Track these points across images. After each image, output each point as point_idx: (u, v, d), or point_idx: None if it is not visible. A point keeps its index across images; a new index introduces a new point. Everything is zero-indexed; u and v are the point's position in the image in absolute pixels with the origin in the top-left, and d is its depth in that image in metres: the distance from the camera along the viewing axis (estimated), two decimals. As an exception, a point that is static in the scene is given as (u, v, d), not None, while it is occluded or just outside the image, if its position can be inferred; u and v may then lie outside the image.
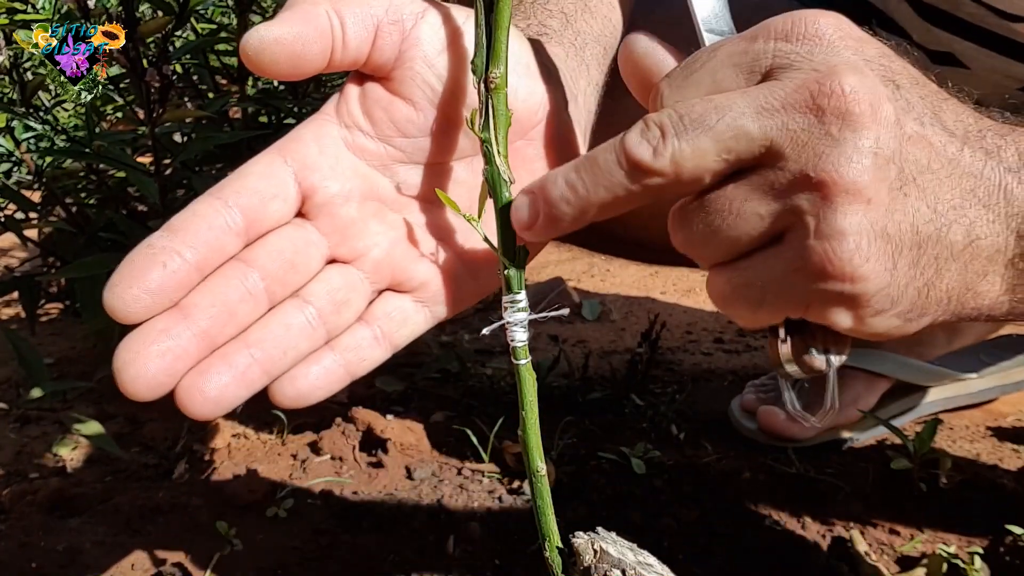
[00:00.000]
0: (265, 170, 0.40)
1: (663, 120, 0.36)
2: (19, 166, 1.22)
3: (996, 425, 1.05)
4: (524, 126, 0.44)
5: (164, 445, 0.98)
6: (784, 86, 0.34)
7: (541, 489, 0.40)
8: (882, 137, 0.34)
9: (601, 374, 1.17)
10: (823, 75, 0.34)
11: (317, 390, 0.41)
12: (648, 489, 0.89)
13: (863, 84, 0.34)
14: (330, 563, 0.78)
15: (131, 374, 0.36)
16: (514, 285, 0.40)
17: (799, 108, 0.34)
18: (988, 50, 0.68)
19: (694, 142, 0.35)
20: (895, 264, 0.35)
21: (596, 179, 0.36)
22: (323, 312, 0.41)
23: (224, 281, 0.39)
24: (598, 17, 0.58)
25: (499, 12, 0.38)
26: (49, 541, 0.81)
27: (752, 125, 0.34)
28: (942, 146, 0.36)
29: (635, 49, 0.42)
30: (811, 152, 0.33)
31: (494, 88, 0.39)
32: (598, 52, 0.55)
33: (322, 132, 0.42)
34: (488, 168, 0.39)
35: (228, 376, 0.38)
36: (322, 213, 0.41)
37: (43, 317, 1.35)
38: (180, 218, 0.39)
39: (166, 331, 0.37)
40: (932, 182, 0.35)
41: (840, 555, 0.79)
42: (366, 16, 0.39)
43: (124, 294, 0.36)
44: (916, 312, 0.37)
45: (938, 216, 0.35)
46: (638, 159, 0.35)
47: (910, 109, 0.35)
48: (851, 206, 0.33)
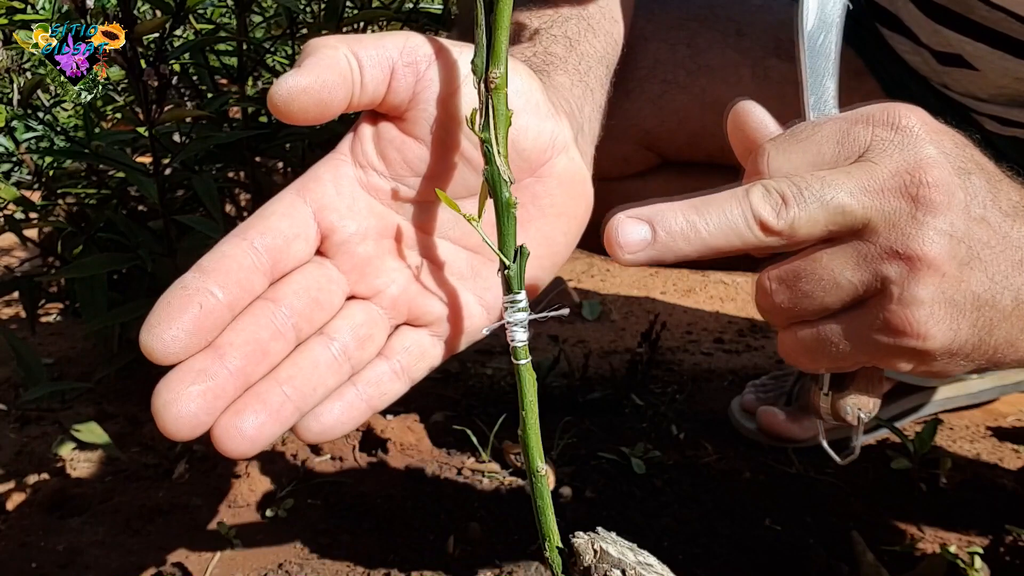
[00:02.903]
0: (287, 210, 0.41)
1: (784, 189, 0.42)
2: (19, 166, 1.22)
3: (996, 425, 1.05)
4: (533, 164, 0.45)
5: (164, 445, 0.98)
6: (881, 171, 0.41)
7: (541, 489, 0.40)
8: (955, 222, 0.41)
9: (601, 374, 1.17)
10: (912, 167, 0.41)
11: (341, 425, 0.42)
12: (648, 489, 0.89)
13: (942, 177, 0.41)
14: (330, 563, 0.78)
15: (173, 414, 0.37)
16: (514, 285, 0.40)
17: (894, 194, 0.41)
18: (1001, 52, 0.68)
19: (810, 213, 0.41)
20: (959, 326, 0.42)
21: (721, 226, 0.42)
22: (347, 348, 0.42)
23: (255, 320, 0.40)
24: (600, 35, 0.59)
25: (499, 12, 0.38)
26: (49, 541, 0.81)
27: (857, 205, 0.41)
28: (998, 225, 0.42)
29: (747, 118, 0.48)
30: (900, 231, 0.41)
31: (494, 88, 0.39)
32: (601, 73, 0.57)
33: (339, 173, 0.43)
34: (488, 168, 0.39)
35: (264, 415, 0.39)
36: (340, 252, 0.43)
37: (43, 317, 1.35)
38: (210, 259, 0.39)
39: (204, 371, 0.37)
40: (990, 256, 0.42)
41: (840, 555, 0.79)
42: (382, 58, 0.40)
43: (163, 334, 0.37)
44: (966, 361, 0.44)
45: (994, 285, 0.42)
46: (764, 219, 0.41)
47: (976, 195, 0.42)
48: (930, 278, 0.41)
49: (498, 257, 0.40)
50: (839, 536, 0.82)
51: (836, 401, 0.47)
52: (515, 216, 0.40)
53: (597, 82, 0.55)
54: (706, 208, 0.42)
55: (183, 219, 0.92)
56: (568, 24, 0.57)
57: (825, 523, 0.84)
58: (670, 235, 0.41)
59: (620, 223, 0.41)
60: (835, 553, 0.79)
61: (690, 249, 0.42)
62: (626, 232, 0.41)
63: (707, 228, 0.41)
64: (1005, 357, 0.44)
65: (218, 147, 1.05)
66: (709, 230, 0.41)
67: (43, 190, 1.13)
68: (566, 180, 0.47)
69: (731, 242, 0.42)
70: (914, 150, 0.42)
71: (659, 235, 0.41)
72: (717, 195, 0.42)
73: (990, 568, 0.75)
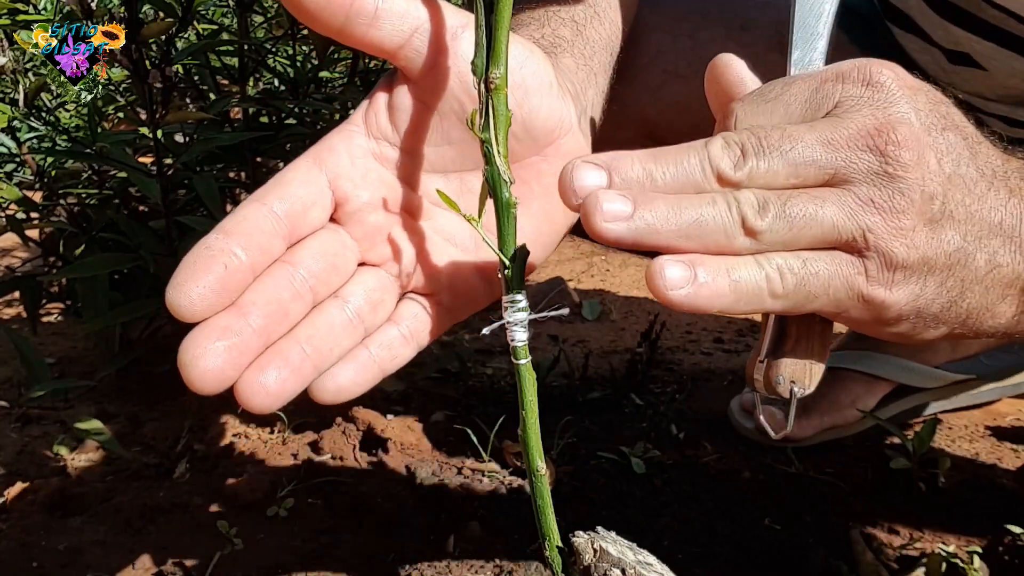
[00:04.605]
0: (304, 177, 0.43)
1: (744, 141, 0.40)
2: (22, 167, 1.22)
3: (995, 425, 1.06)
4: (541, 143, 0.46)
5: (165, 444, 0.98)
6: (847, 126, 0.39)
7: (541, 489, 0.41)
8: (926, 178, 0.39)
9: (601, 374, 1.17)
10: (881, 124, 0.39)
11: (355, 386, 0.43)
12: (648, 489, 0.89)
13: (912, 134, 0.39)
14: (331, 562, 0.78)
15: (201, 368, 0.38)
16: (514, 285, 0.40)
17: (861, 147, 0.39)
18: (1009, 51, 0.68)
19: (769, 164, 0.39)
20: (925, 283, 0.40)
21: (678, 176, 0.39)
22: (361, 311, 0.44)
23: (275, 281, 0.41)
24: (606, 23, 0.60)
25: (499, 12, 0.38)
26: (50, 540, 0.81)
27: (819, 157, 0.39)
28: (973, 184, 0.41)
29: (725, 71, 0.46)
30: (872, 183, 0.39)
31: (494, 88, 0.39)
32: (605, 59, 0.58)
33: (352, 144, 0.44)
34: (488, 168, 0.40)
35: (287, 371, 0.40)
36: (353, 220, 0.44)
37: (44, 317, 1.36)
38: (232, 221, 0.41)
39: (228, 328, 0.39)
40: (963, 215, 0.40)
41: (839, 555, 0.79)
42: (408, 11, 0.41)
43: (190, 291, 0.38)
44: (936, 323, 0.42)
45: (966, 244, 0.40)
46: (722, 170, 0.39)
47: (950, 151, 0.41)
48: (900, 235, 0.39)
49: (498, 257, 0.40)
50: (839, 536, 0.82)
51: (771, 369, 0.44)
52: (515, 216, 0.40)
53: (601, 67, 0.56)
54: (664, 157, 0.40)
55: (185, 219, 0.92)
56: (575, 9, 0.58)
57: (825, 523, 0.85)
58: (625, 182, 0.39)
59: (575, 166, 0.39)
60: (834, 553, 0.79)
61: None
62: (581, 176, 0.39)
63: (663, 177, 0.39)
64: (981, 324, 0.43)
65: (220, 148, 1.05)
66: (665, 180, 0.39)
67: (45, 190, 1.13)
68: (569, 159, 0.47)
69: (685, 190, 0.40)
70: (885, 108, 0.40)
71: (614, 181, 0.39)
72: (677, 146, 0.40)
73: (989, 568, 0.75)
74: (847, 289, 0.39)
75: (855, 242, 0.39)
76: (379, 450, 0.96)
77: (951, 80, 0.76)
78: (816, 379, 0.44)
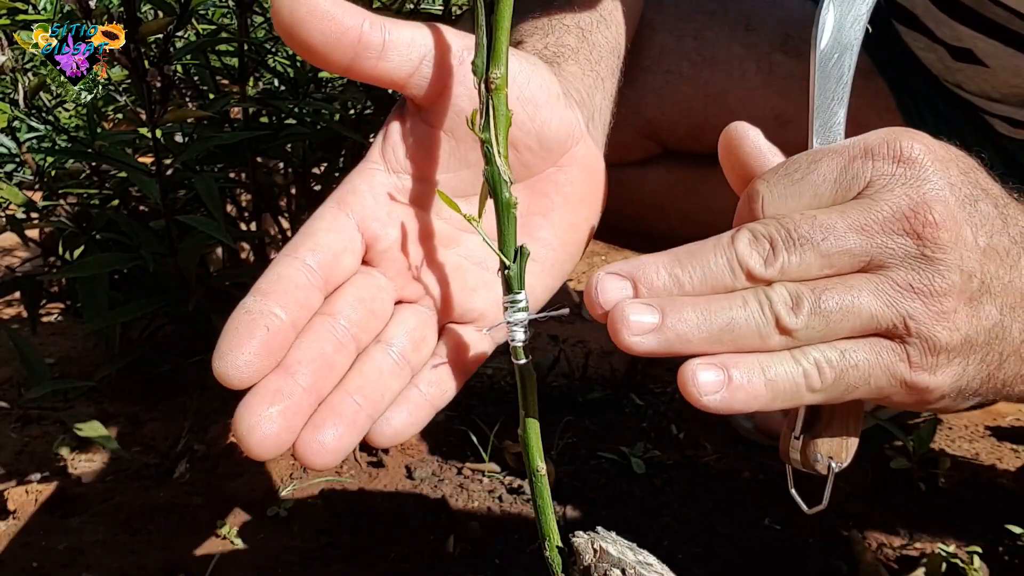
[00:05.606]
0: (331, 225, 0.43)
1: (772, 234, 0.38)
2: (21, 167, 1.22)
3: (995, 425, 1.06)
4: (556, 154, 0.46)
5: (165, 445, 0.98)
6: (881, 208, 0.38)
7: (541, 489, 0.41)
8: (964, 257, 0.38)
9: (601, 374, 1.17)
10: (916, 204, 0.38)
11: (410, 427, 0.43)
12: (648, 489, 0.89)
13: (948, 213, 0.38)
14: (331, 563, 0.78)
15: (258, 437, 0.38)
16: (514, 285, 0.40)
17: (896, 232, 0.38)
18: (1012, 49, 0.68)
19: (801, 257, 0.38)
20: (968, 362, 0.39)
21: (706, 279, 0.38)
22: (405, 352, 0.43)
23: (317, 336, 0.41)
24: (612, 26, 0.60)
25: (499, 12, 0.38)
26: (50, 541, 0.81)
27: (853, 246, 0.38)
28: (1006, 253, 0.40)
29: (742, 143, 0.44)
30: (910, 268, 0.38)
31: (494, 89, 0.39)
32: (612, 63, 0.58)
33: (374, 182, 0.44)
34: (488, 168, 0.40)
35: (343, 426, 0.40)
36: (384, 258, 0.44)
37: (44, 317, 1.35)
38: (266, 281, 0.40)
39: (280, 391, 0.38)
40: (1000, 288, 0.40)
41: (839, 555, 0.79)
42: (415, 39, 0.41)
43: (236, 360, 0.38)
44: (973, 396, 0.41)
45: (1003, 317, 0.40)
46: (751, 269, 0.38)
47: (984, 223, 0.40)
48: (946, 318, 0.38)
49: (498, 257, 0.40)
50: (838, 536, 0.82)
51: (807, 447, 0.43)
52: (515, 216, 0.40)
53: (608, 71, 0.56)
54: (689, 260, 0.38)
55: (184, 219, 0.92)
56: (581, 16, 0.58)
57: (825, 523, 0.85)
58: (651, 291, 0.38)
59: (599, 280, 0.38)
60: (834, 553, 0.79)
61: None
62: (605, 290, 0.38)
63: (690, 282, 0.38)
64: (1014, 389, 0.42)
65: (219, 147, 1.05)
66: (693, 284, 0.38)
67: (45, 190, 1.13)
68: (585, 167, 0.48)
69: (717, 292, 0.38)
70: (918, 186, 0.39)
71: (640, 292, 0.38)
72: (702, 243, 0.39)
73: (989, 568, 0.75)
74: (889, 377, 0.38)
75: (895, 329, 0.38)
76: (379, 450, 0.96)
77: (956, 78, 0.76)
78: (852, 452, 0.44)
